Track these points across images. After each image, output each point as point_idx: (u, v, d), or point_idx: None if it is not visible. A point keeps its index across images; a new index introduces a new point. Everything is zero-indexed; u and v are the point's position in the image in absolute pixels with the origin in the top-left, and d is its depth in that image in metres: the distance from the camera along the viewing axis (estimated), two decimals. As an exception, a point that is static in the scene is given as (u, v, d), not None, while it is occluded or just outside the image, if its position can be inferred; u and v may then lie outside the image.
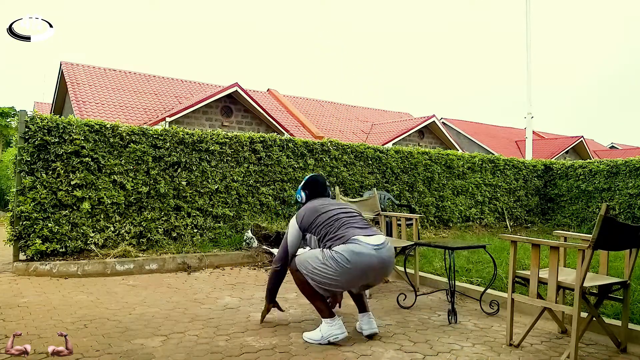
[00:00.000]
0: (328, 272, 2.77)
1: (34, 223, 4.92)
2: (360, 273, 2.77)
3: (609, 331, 2.81)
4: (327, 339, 2.82)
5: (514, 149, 24.30)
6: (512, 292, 2.88)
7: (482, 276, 4.42)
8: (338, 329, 2.84)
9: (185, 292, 4.16)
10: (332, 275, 2.77)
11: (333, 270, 2.76)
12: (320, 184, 3.30)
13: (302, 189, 3.30)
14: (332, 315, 2.87)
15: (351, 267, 2.73)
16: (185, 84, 17.94)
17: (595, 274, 2.97)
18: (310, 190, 3.28)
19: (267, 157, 6.54)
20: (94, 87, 15.11)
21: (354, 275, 2.77)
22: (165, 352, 2.66)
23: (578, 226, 8.94)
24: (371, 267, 2.77)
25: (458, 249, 3.77)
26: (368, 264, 2.75)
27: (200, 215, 5.95)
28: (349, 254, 2.73)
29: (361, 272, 2.77)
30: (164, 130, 5.81)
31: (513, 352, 2.77)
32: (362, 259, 2.74)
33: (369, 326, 2.97)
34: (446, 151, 8.71)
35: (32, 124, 5.00)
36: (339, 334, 2.83)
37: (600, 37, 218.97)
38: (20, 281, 4.50)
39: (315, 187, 3.28)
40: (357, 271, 2.75)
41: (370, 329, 2.97)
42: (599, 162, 8.90)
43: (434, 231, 8.09)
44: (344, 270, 2.74)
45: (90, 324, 3.16)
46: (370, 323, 2.98)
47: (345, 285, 2.87)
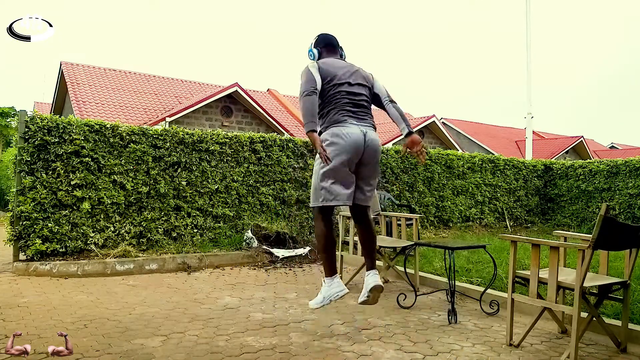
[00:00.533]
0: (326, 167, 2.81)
1: (34, 223, 4.92)
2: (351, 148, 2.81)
3: (609, 331, 2.81)
4: (329, 298, 2.89)
5: (514, 149, 24.30)
6: (512, 292, 2.88)
7: (482, 276, 4.42)
8: (337, 286, 2.90)
9: (185, 292, 4.16)
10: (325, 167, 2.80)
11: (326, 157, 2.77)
12: (332, 40, 3.17)
13: (314, 46, 3.15)
14: (334, 274, 2.94)
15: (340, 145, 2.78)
16: (185, 84, 17.94)
17: (595, 274, 2.97)
18: (323, 47, 3.15)
19: (267, 157, 6.54)
20: (94, 87, 15.12)
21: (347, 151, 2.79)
22: (165, 352, 2.66)
23: (578, 226, 8.94)
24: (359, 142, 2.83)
25: (458, 249, 3.77)
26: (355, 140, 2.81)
27: (200, 215, 5.95)
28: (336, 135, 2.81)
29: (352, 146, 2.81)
30: (164, 130, 5.81)
31: (513, 352, 2.77)
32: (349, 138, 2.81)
33: (374, 280, 2.93)
34: (446, 151, 8.71)
35: (32, 124, 5.00)
36: (338, 291, 2.89)
37: (600, 37, 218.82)
38: (20, 281, 4.50)
39: (328, 43, 3.15)
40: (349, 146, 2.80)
41: (374, 282, 2.92)
42: (599, 162, 8.90)
43: (434, 231, 8.09)
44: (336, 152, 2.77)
45: (90, 324, 3.16)
46: (375, 278, 2.95)
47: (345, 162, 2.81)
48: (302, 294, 4.12)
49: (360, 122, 2.91)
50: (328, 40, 3.17)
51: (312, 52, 3.14)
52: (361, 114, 2.96)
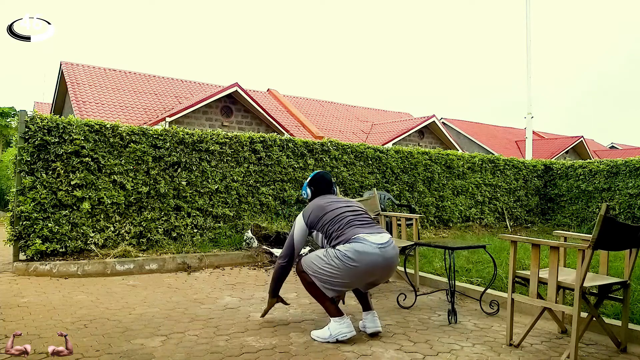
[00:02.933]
0: (333, 272, 2.80)
1: (34, 223, 4.92)
2: (365, 272, 2.79)
3: (609, 331, 2.81)
4: (336, 337, 2.84)
5: (514, 149, 24.30)
6: (512, 292, 2.88)
7: (482, 276, 4.42)
8: (347, 327, 2.86)
9: (185, 292, 4.16)
10: (338, 275, 2.80)
11: (338, 270, 2.78)
12: (326, 180, 3.31)
13: (308, 185, 3.32)
14: (341, 314, 2.89)
15: (356, 266, 2.75)
16: (185, 84, 17.94)
17: (595, 274, 2.97)
18: (316, 187, 3.29)
19: (267, 157, 6.54)
20: (94, 87, 15.11)
21: (358, 274, 2.79)
22: (165, 352, 2.66)
23: (578, 226, 8.94)
24: (376, 266, 2.79)
25: (458, 249, 3.77)
26: (373, 262, 2.77)
27: (200, 215, 5.95)
28: (353, 253, 2.76)
29: (366, 270, 2.78)
30: (164, 130, 5.81)
31: (513, 352, 2.77)
32: (367, 257, 2.76)
33: (373, 324, 2.99)
34: (446, 151, 8.71)
35: (32, 124, 5.00)
36: (347, 332, 2.85)
37: (600, 37, 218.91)
38: (20, 281, 4.50)
39: (321, 184, 3.29)
40: (362, 270, 2.77)
41: (374, 327, 2.99)
42: (599, 162, 8.90)
43: (434, 231, 8.09)
44: (348, 269, 2.76)
45: (90, 324, 3.16)
46: (374, 321, 3.00)
47: (350, 284, 2.89)
48: (302, 294, 4.12)
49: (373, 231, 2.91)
50: (321, 179, 3.32)
51: (306, 191, 3.33)
52: (370, 225, 2.99)
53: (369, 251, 2.77)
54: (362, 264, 2.75)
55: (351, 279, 2.81)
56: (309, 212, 3.08)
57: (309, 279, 2.95)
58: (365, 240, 2.80)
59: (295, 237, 3.07)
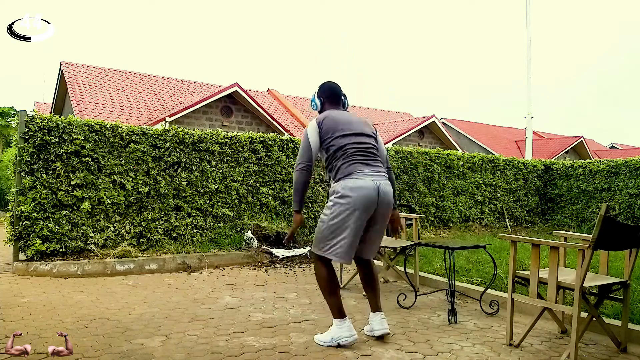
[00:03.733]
0: (333, 224, 2.72)
1: (34, 223, 4.92)
2: (362, 203, 2.70)
3: (609, 331, 2.81)
4: (337, 341, 2.78)
5: (514, 149, 24.30)
6: (512, 292, 2.88)
7: (482, 276, 4.42)
8: (347, 331, 2.79)
9: (185, 292, 4.16)
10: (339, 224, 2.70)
11: (337, 216, 2.70)
12: (334, 89, 3.13)
13: (317, 96, 3.13)
14: (343, 316, 2.82)
15: (351, 200, 2.69)
16: (185, 84, 17.94)
17: (595, 274, 2.97)
18: (325, 98, 3.11)
19: (267, 157, 6.54)
20: (94, 87, 15.11)
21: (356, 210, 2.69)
22: (165, 352, 2.66)
23: (578, 226, 8.94)
24: (371, 200, 2.72)
25: (458, 249, 3.77)
26: (368, 195, 2.71)
27: (200, 215, 5.95)
28: (348, 189, 2.71)
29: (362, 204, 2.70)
30: (164, 130, 5.81)
31: (513, 352, 2.77)
32: (361, 191, 2.70)
33: (381, 326, 2.91)
34: (446, 151, 8.71)
35: (32, 124, 5.00)
36: (347, 336, 2.78)
37: (600, 37, 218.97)
38: (20, 281, 4.50)
39: (330, 94, 3.11)
40: (359, 203, 2.69)
41: (382, 329, 2.90)
42: (599, 162, 8.90)
43: (434, 231, 8.09)
44: (346, 208, 2.69)
45: (90, 324, 3.16)
46: (382, 323, 2.92)
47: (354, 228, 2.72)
48: (302, 294, 4.12)
49: (373, 170, 2.82)
50: (331, 90, 3.13)
51: (315, 102, 3.14)
52: (372, 161, 2.88)
53: (363, 185, 2.71)
54: (358, 196, 2.68)
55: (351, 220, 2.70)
56: (323, 119, 2.92)
57: (320, 270, 2.86)
58: (360, 174, 2.75)
59: (311, 138, 2.88)
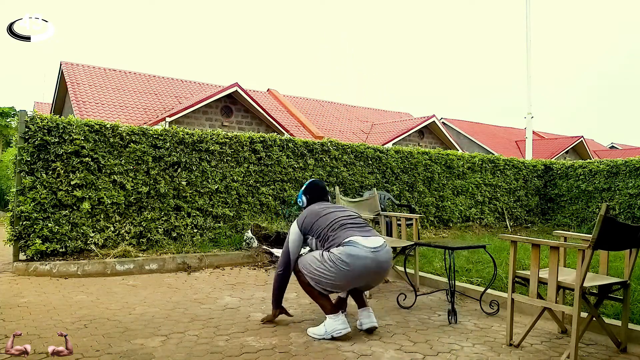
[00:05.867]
0: (326, 274, 2.85)
1: (34, 223, 4.92)
2: (357, 275, 2.83)
3: (609, 331, 2.81)
4: (331, 333, 2.88)
5: (514, 149, 24.30)
6: (512, 292, 2.88)
7: (482, 276, 4.42)
8: (341, 324, 2.89)
9: (185, 292, 4.16)
10: (331, 277, 2.85)
11: (331, 272, 2.84)
12: (320, 188, 3.40)
13: (303, 193, 3.40)
14: (336, 311, 2.93)
15: (348, 269, 2.80)
16: (185, 84, 17.94)
17: (595, 274, 2.97)
18: (310, 195, 3.37)
19: (267, 157, 6.54)
20: (94, 87, 15.11)
21: (351, 276, 2.83)
22: (165, 352, 2.66)
23: (578, 226, 8.94)
24: (368, 270, 2.84)
25: (458, 249, 3.77)
26: (364, 266, 2.81)
27: (200, 215, 5.95)
28: (345, 256, 2.80)
29: (358, 274, 2.83)
30: (164, 130, 5.81)
31: (513, 352, 2.77)
32: (359, 261, 2.80)
33: (369, 320, 3.02)
34: (446, 151, 8.71)
35: (32, 124, 5.00)
36: (342, 328, 2.88)
37: (600, 37, 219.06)
38: (20, 281, 4.50)
39: (315, 192, 3.37)
40: (354, 273, 2.82)
41: (370, 323, 3.02)
42: (599, 162, 8.90)
43: (434, 231, 8.09)
44: (341, 272, 2.81)
45: (90, 324, 3.16)
46: (369, 317, 3.04)
47: (343, 286, 2.94)
48: (302, 294, 4.12)
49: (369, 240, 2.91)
50: (316, 187, 3.39)
51: (302, 198, 3.39)
52: (365, 229, 3.03)
53: (362, 255, 2.81)
54: (355, 267, 2.80)
55: (343, 281, 2.86)
56: (303, 218, 3.14)
57: (304, 278, 3.01)
58: (357, 244, 2.84)
59: (290, 244, 3.11)
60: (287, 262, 3.11)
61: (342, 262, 2.79)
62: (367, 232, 2.98)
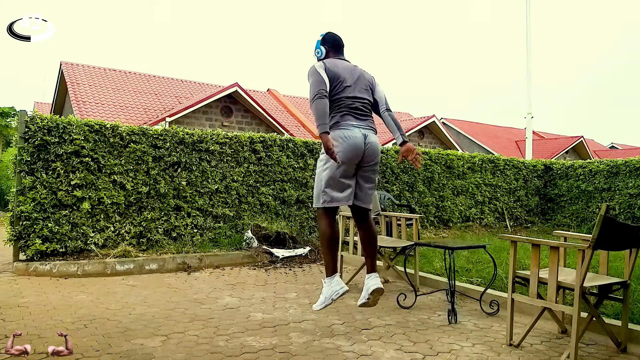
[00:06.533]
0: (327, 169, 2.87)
1: (34, 223, 4.92)
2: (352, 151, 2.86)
3: (609, 331, 2.81)
4: (331, 297, 2.85)
5: (514, 149, 24.29)
6: (512, 292, 2.88)
7: (482, 276, 4.42)
8: (337, 284, 2.87)
9: (185, 292, 4.16)
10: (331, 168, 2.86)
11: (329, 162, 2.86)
12: (338, 38, 3.23)
13: (321, 44, 3.20)
14: (333, 273, 2.91)
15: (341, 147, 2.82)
16: (185, 84, 17.93)
17: (595, 274, 2.97)
18: (329, 45, 3.19)
19: (267, 157, 6.54)
20: (94, 87, 15.11)
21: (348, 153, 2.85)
22: (165, 352, 2.66)
23: (578, 226, 8.94)
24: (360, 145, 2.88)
25: (458, 249, 3.77)
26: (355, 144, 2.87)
27: (200, 215, 5.94)
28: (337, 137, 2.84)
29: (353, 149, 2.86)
30: (164, 130, 5.81)
31: (513, 352, 2.77)
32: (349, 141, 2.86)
33: (375, 282, 2.92)
34: (446, 151, 8.71)
35: (32, 124, 5.00)
36: (339, 289, 2.86)
37: (600, 37, 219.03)
38: (20, 281, 4.50)
39: (334, 42, 3.20)
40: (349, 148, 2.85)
41: (375, 284, 2.91)
42: (599, 162, 8.90)
43: (434, 231, 8.09)
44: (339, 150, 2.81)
45: (90, 324, 3.16)
46: (376, 280, 2.94)
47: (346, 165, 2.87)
48: (302, 294, 4.12)
49: (361, 123, 2.98)
50: (335, 40, 3.23)
51: (320, 49, 3.19)
52: (362, 116, 3.03)
53: (351, 135, 2.88)
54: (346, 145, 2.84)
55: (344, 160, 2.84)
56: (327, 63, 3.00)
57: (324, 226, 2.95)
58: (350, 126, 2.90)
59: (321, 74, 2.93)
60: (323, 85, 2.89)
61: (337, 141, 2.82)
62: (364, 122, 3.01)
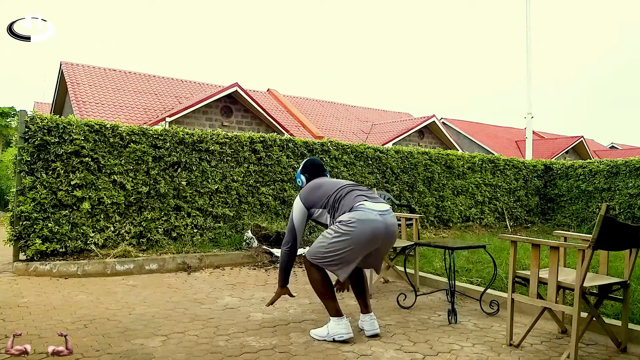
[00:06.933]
0: (339, 245, 2.77)
1: (34, 223, 4.92)
2: (368, 238, 2.76)
3: (609, 331, 2.81)
4: (333, 336, 2.86)
5: (514, 149, 24.29)
6: (512, 292, 2.88)
7: (482, 276, 4.42)
8: (344, 328, 2.87)
9: (185, 292, 4.16)
10: (344, 246, 2.76)
11: (343, 240, 2.76)
12: (318, 164, 3.33)
13: (302, 172, 3.32)
14: (341, 315, 2.90)
15: (358, 231, 2.74)
16: (185, 84, 17.93)
17: (595, 274, 2.97)
18: (309, 173, 3.30)
19: (267, 157, 6.54)
20: (94, 87, 15.11)
21: (362, 240, 2.76)
22: (165, 352, 2.66)
23: (578, 226, 8.94)
24: (378, 231, 2.78)
25: (458, 249, 3.77)
26: (374, 228, 2.77)
27: (200, 215, 5.95)
28: (355, 221, 2.76)
29: (369, 237, 2.76)
30: (164, 130, 5.81)
31: (513, 352, 2.77)
32: (368, 225, 2.76)
33: (371, 327, 3.00)
34: (446, 151, 8.71)
35: (32, 124, 5.00)
36: (344, 333, 2.86)
37: (600, 37, 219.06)
38: (20, 281, 4.50)
39: (314, 169, 3.31)
40: (365, 236, 2.75)
41: (372, 330, 2.99)
42: (599, 162, 8.90)
43: (434, 231, 8.09)
44: (353, 237, 2.74)
45: (90, 324, 3.16)
46: (372, 324, 3.00)
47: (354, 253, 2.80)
48: (302, 294, 4.12)
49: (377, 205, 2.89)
50: (314, 165, 3.35)
51: (300, 178, 3.34)
52: (371, 195, 3.00)
53: (371, 218, 2.78)
54: (365, 229, 2.75)
55: (357, 245, 2.76)
56: (306, 191, 3.08)
57: (315, 275, 2.94)
58: (366, 208, 2.81)
59: (295, 220, 3.04)
60: (293, 239, 3.03)
61: (352, 224, 2.74)
62: (374, 197, 2.96)
